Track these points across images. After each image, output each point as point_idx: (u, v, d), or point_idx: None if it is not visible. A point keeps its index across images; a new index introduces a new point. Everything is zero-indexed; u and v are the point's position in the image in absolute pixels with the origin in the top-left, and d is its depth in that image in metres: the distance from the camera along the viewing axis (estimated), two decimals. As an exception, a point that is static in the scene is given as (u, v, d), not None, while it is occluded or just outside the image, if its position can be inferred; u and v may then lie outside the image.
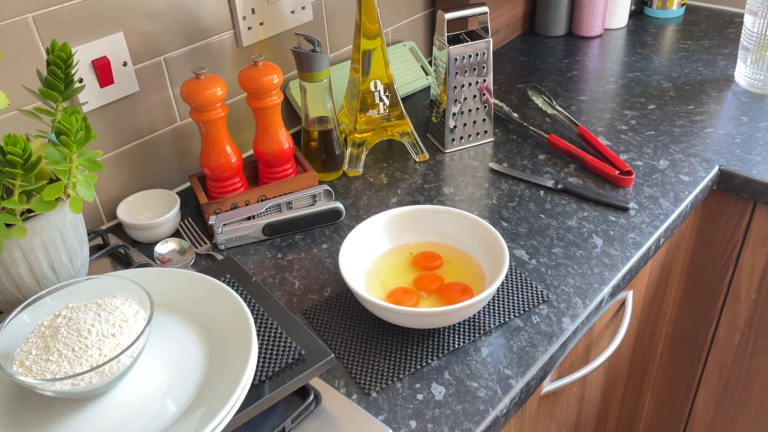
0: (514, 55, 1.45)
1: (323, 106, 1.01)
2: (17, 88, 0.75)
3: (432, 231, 0.85)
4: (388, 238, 0.86)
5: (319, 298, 0.83)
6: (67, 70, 0.68)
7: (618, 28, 1.53)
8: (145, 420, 0.57)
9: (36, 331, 0.61)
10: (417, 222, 0.86)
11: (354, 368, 0.73)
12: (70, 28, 0.85)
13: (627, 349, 1.10)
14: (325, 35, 1.18)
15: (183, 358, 0.62)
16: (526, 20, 1.54)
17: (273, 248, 0.92)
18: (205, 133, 0.94)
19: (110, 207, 0.97)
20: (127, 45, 0.91)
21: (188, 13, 0.97)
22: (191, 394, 0.59)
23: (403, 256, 0.85)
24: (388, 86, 1.05)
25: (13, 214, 0.64)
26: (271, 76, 0.93)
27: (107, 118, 0.93)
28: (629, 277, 0.87)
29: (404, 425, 0.67)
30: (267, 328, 0.67)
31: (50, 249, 0.68)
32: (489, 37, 1.05)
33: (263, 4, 1.04)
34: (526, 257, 0.87)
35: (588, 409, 1.06)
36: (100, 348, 0.58)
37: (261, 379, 0.62)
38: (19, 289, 0.69)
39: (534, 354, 0.74)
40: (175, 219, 0.95)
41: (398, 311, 0.73)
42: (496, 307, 0.80)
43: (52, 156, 0.63)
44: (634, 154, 1.07)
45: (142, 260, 0.87)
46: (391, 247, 0.86)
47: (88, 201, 0.67)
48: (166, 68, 0.97)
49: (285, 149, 0.99)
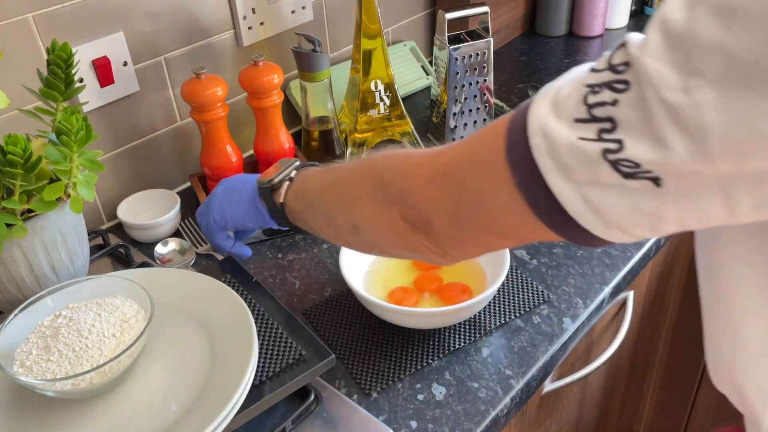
0: (514, 55, 1.45)
1: (324, 105, 1.01)
2: (17, 87, 0.75)
3: (432, 231, 0.85)
4: (389, 238, 0.86)
5: (320, 298, 0.83)
6: (68, 70, 0.68)
7: (619, 27, 1.53)
8: (145, 420, 0.57)
9: (36, 332, 0.61)
10: (417, 222, 0.86)
11: (354, 368, 0.73)
12: (70, 28, 0.85)
13: (628, 350, 1.10)
14: (325, 35, 1.18)
15: (183, 359, 0.62)
16: (526, 20, 1.54)
17: (273, 248, 0.92)
18: (206, 133, 0.94)
19: (110, 207, 0.97)
20: (128, 45, 0.91)
21: (188, 13, 0.97)
22: (192, 395, 0.58)
23: (403, 256, 0.85)
24: (389, 86, 1.05)
25: (13, 214, 0.64)
26: (272, 76, 0.93)
27: (107, 118, 0.93)
28: (630, 278, 0.87)
29: (405, 425, 0.67)
30: (267, 329, 0.67)
31: (50, 249, 0.68)
32: (489, 37, 1.05)
33: (263, 3, 1.04)
34: (526, 257, 0.87)
35: (588, 410, 1.06)
36: (100, 348, 0.58)
37: (261, 380, 0.62)
38: (20, 289, 0.69)
39: (535, 354, 0.74)
40: (176, 219, 0.95)
41: (398, 311, 0.73)
42: (496, 307, 0.79)
43: (53, 156, 0.63)
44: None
45: (142, 260, 0.87)
46: (391, 247, 0.86)
47: (88, 201, 0.67)
48: (167, 68, 0.97)
49: (285, 149, 0.99)
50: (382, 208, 0.52)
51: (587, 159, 0.38)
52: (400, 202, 0.50)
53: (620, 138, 0.36)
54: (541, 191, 0.41)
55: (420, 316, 0.73)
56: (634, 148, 0.36)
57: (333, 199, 0.59)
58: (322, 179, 0.63)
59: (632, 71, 0.36)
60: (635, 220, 0.39)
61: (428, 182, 0.48)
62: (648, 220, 0.39)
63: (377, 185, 0.53)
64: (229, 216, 0.72)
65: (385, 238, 0.54)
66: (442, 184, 0.47)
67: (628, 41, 0.37)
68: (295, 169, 0.67)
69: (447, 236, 0.49)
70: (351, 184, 0.57)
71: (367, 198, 0.54)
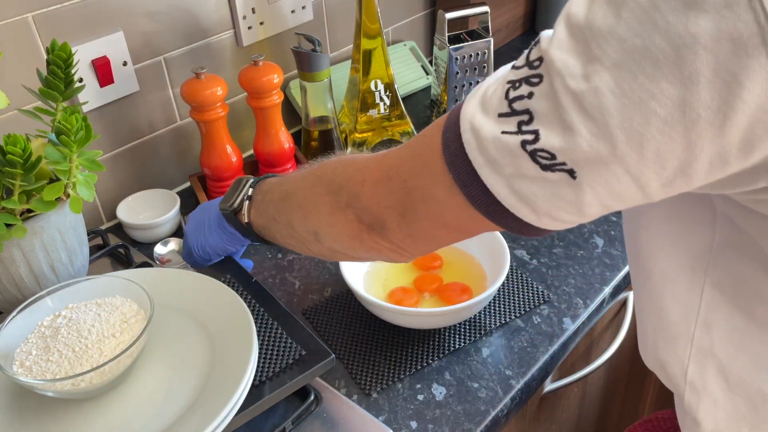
0: (514, 55, 1.43)
1: (323, 105, 1.01)
2: (17, 87, 0.75)
3: (432, 231, 0.85)
4: (389, 238, 0.85)
5: (320, 298, 0.83)
6: (67, 70, 0.68)
7: (618, 27, 1.53)
8: (145, 420, 0.57)
9: (36, 332, 0.61)
10: (417, 222, 0.86)
11: (354, 369, 0.73)
12: (70, 28, 0.85)
13: (628, 350, 1.10)
14: (325, 35, 1.18)
15: (183, 359, 0.62)
16: (526, 20, 1.54)
17: (273, 248, 0.92)
18: (205, 133, 0.93)
19: (110, 207, 0.97)
20: (127, 44, 0.91)
21: (188, 13, 0.96)
22: (191, 395, 0.58)
23: (403, 256, 0.85)
24: (389, 86, 1.05)
25: (13, 214, 0.64)
26: (272, 76, 0.93)
27: (107, 117, 0.93)
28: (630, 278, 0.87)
29: (405, 426, 0.67)
30: (267, 329, 0.67)
31: (50, 249, 0.68)
32: (489, 37, 1.05)
33: (263, 3, 1.04)
34: (527, 257, 0.87)
35: (588, 410, 1.06)
36: (100, 348, 0.58)
37: (261, 380, 0.62)
38: (19, 289, 0.69)
39: (535, 354, 0.74)
40: (175, 219, 0.95)
41: (398, 311, 0.73)
42: (496, 308, 0.79)
43: (52, 156, 0.63)
44: (634, 153, 1.07)
45: (141, 260, 0.87)
46: (391, 247, 0.86)
47: (88, 201, 0.67)
48: (166, 68, 0.97)
49: (285, 149, 0.99)
50: (338, 212, 0.54)
51: (510, 152, 0.40)
52: (353, 206, 0.53)
53: (536, 129, 0.39)
54: (476, 185, 0.43)
55: (420, 316, 0.73)
56: (546, 137, 0.38)
57: (291, 210, 0.61)
58: (279, 191, 0.64)
59: (544, 65, 0.39)
60: (560, 207, 0.41)
61: (376, 184, 0.51)
62: (572, 206, 0.41)
63: (330, 191, 0.55)
64: (209, 247, 0.73)
65: (344, 241, 0.55)
66: (389, 185, 0.50)
67: (541, 37, 0.40)
68: (251, 186, 0.68)
69: (400, 233, 0.50)
70: (305, 193, 0.59)
71: (323, 205, 0.56)
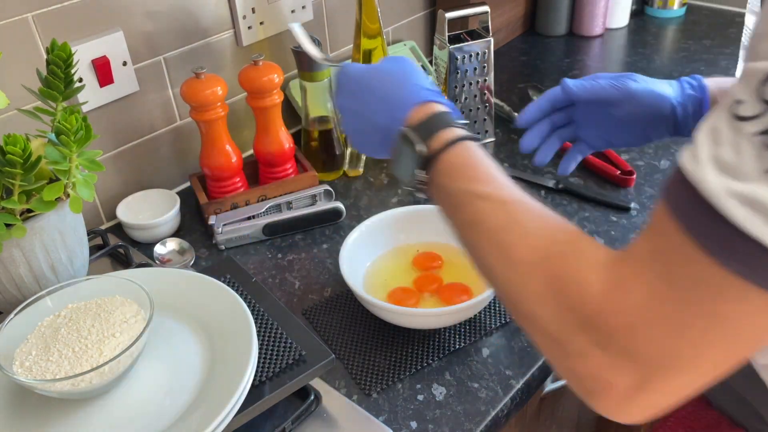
0: (514, 55, 1.44)
1: (323, 105, 1.01)
2: (17, 87, 0.75)
3: (433, 231, 0.85)
4: (389, 239, 0.85)
5: (320, 298, 0.83)
6: (67, 70, 0.68)
7: (619, 27, 1.53)
8: (145, 420, 0.57)
9: (36, 332, 0.61)
10: (417, 222, 0.86)
11: (354, 369, 0.73)
12: (70, 28, 0.85)
13: (628, 350, 1.10)
14: (325, 35, 1.18)
15: (183, 359, 0.62)
16: (526, 20, 1.54)
17: (273, 248, 0.92)
18: (205, 133, 0.93)
19: (110, 207, 0.97)
20: (127, 44, 0.90)
21: (188, 13, 0.96)
22: (191, 395, 0.58)
23: (403, 256, 0.85)
24: (389, 86, 1.05)
25: (12, 214, 0.64)
26: (272, 76, 0.93)
27: (107, 117, 0.93)
28: (630, 278, 0.87)
29: (405, 426, 0.67)
30: (267, 329, 0.67)
31: (50, 249, 0.68)
32: (490, 37, 1.05)
33: (263, 3, 1.04)
34: (526, 257, 0.87)
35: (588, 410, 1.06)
36: (100, 348, 0.58)
37: (261, 380, 0.62)
38: (19, 289, 0.69)
39: (535, 354, 0.74)
40: (175, 219, 0.95)
41: (398, 311, 0.73)
42: (497, 308, 0.79)
43: (52, 156, 0.63)
44: (635, 153, 1.07)
45: (141, 260, 0.87)
46: (391, 247, 0.86)
47: (87, 201, 0.67)
48: (166, 68, 0.97)
49: (285, 149, 0.99)
50: (552, 307, 0.45)
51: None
52: (586, 324, 0.43)
53: None
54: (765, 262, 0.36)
55: (420, 316, 0.73)
56: None
57: (479, 244, 0.52)
58: (472, 211, 0.53)
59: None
60: None
61: (653, 328, 0.40)
62: None
63: (548, 284, 0.45)
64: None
65: (539, 326, 0.46)
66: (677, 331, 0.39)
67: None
68: (449, 144, 0.56)
69: (656, 356, 0.40)
70: (510, 270, 0.48)
71: (540, 304, 0.46)
